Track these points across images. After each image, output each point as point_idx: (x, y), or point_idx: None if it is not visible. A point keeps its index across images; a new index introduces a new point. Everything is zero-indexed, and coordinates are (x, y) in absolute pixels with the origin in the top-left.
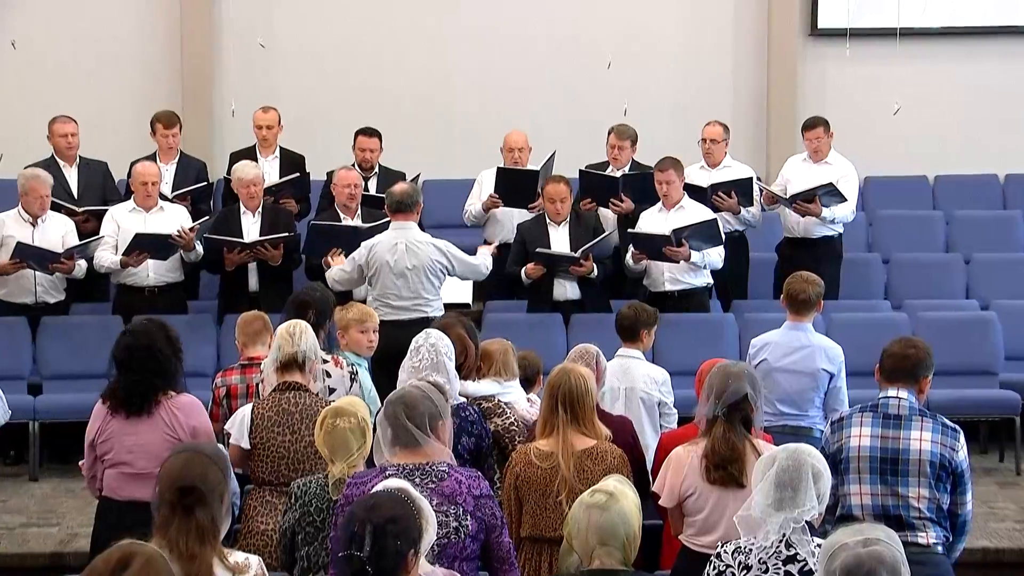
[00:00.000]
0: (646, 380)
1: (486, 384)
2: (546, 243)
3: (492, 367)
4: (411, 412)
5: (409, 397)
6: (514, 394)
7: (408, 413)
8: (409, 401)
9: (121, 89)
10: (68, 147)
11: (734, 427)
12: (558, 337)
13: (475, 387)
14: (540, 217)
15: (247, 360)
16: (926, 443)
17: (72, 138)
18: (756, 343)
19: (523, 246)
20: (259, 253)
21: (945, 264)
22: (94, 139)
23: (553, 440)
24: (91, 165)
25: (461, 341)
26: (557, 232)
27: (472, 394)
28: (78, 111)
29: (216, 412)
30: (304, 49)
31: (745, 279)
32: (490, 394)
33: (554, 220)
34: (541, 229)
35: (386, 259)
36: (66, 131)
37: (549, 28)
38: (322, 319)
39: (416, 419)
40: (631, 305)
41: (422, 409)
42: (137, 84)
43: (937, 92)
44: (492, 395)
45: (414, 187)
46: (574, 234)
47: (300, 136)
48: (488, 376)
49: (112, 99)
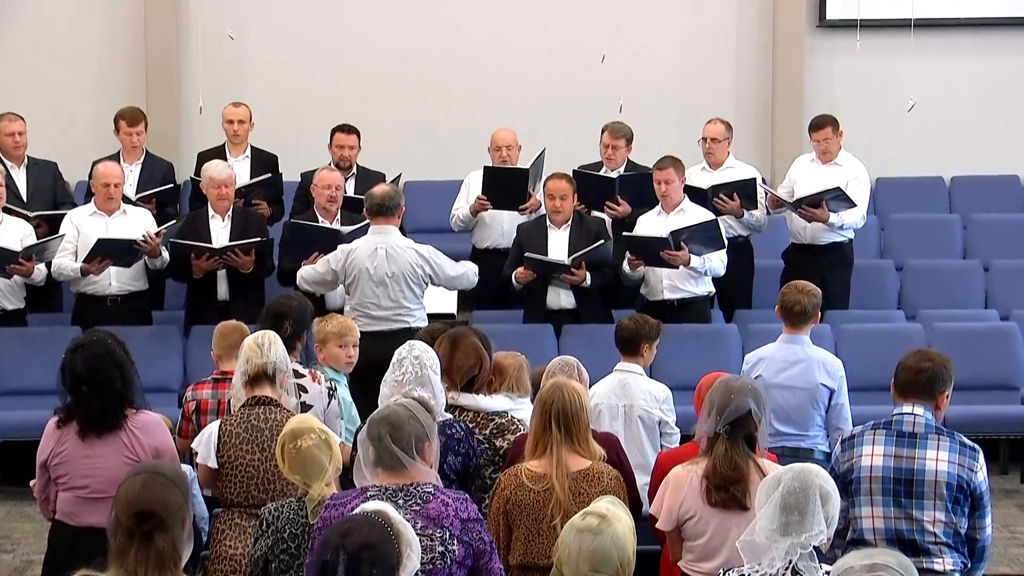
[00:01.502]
0: (646, 397)
1: (499, 400)
2: (544, 247)
3: (505, 382)
4: (396, 434)
5: (394, 417)
6: (527, 411)
7: (393, 435)
8: (394, 421)
9: (79, 83)
10: (15, 147)
11: (737, 446)
12: (549, 349)
13: (488, 402)
14: (541, 219)
15: (220, 374)
16: (943, 463)
17: (19, 137)
18: (750, 358)
19: (521, 249)
20: (229, 260)
21: (962, 271)
22: (49, 138)
23: (546, 461)
24: (40, 166)
25: (476, 352)
26: (557, 235)
27: (485, 409)
28: (31, 107)
29: (185, 428)
30: (277, 41)
31: (749, 287)
32: (503, 410)
33: (553, 220)
34: (540, 232)
35: (365, 266)
36: (13, 129)
37: (539, 18)
38: (299, 330)
39: (402, 441)
40: (632, 317)
41: (408, 430)
42: (96, 78)
43: (954, 87)
44: (505, 411)
45: (395, 189)
46: (574, 239)
47: (272, 134)
48: (501, 391)
49: (69, 94)
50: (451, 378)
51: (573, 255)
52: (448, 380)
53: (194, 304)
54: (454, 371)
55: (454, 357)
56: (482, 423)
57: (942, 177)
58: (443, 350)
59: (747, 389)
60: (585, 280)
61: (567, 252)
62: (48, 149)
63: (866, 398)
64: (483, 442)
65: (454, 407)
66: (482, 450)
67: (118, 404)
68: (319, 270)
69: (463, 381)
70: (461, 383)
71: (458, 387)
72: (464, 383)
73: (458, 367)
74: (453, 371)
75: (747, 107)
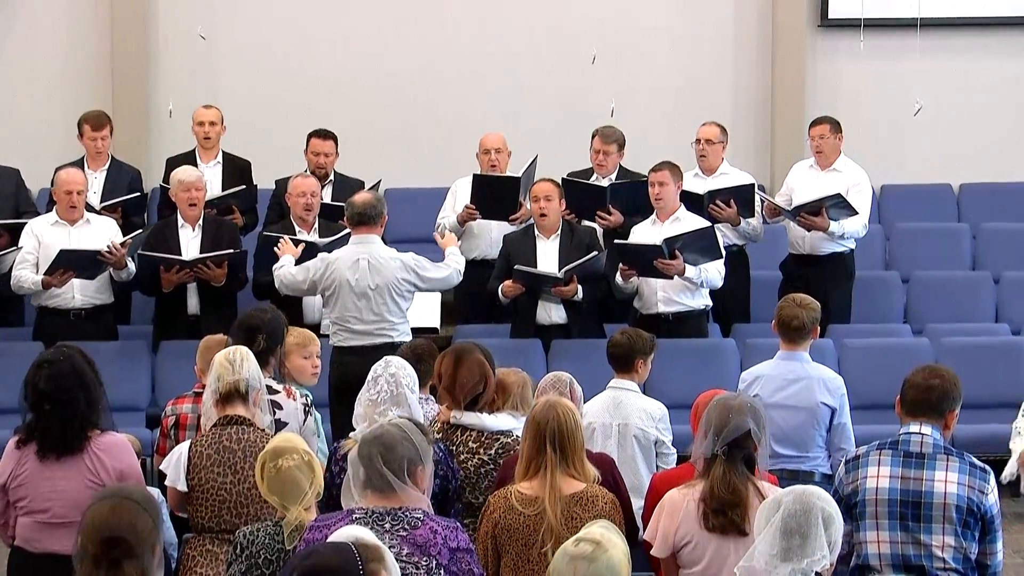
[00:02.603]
0: (641, 415)
1: (504, 418)
2: (532, 258)
3: (509, 400)
4: (388, 455)
5: (387, 438)
6: None
7: (385, 456)
8: (387, 442)
9: (41, 86)
10: None
11: (735, 467)
12: (538, 366)
13: (493, 421)
14: (529, 229)
15: (202, 388)
16: (952, 485)
17: None
18: (746, 376)
19: (507, 260)
20: (200, 272)
21: (972, 283)
22: (10, 144)
23: (538, 483)
24: (1, 173)
25: (481, 369)
26: (546, 246)
27: (489, 428)
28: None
29: (163, 445)
30: (250, 41)
31: (746, 300)
32: (508, 429)
33: (541, 227)
34: (528, 243)
35: (346, 278)
36: None
37: (528, 17)
38: (273, 344)
39: (393, 463)
40: (625, 331)
41: (400, 452)
42: (60, 80)
43: (963, 90)
44: (510, 430)
45: (377, 196)
46: (564, 250)
47: (245, 139)
48: (504, 409)
49: (31, 97)
50: (454, 396)
51: (565, 267)
52: (451, 398)
53: (163, 319)
54: (457, 389)
55: (458, 374)
56: (487, 443)
57: (950, 184)
58: (446, 367)
59: (746, 408)
60: (577, 293)
61: (557, 263)
62: (10, 155)
63: (870, 417)
64: (488, 463)
65: (456, 426)
66: (487, 471)
67: (81, 426)
68: (297, 277)
69: (467, 399)
70: (465, 402)
71: (461, 405)
72: (468, 401)
73: (462, 385)
74: (456, 389)
75: (745, 111)
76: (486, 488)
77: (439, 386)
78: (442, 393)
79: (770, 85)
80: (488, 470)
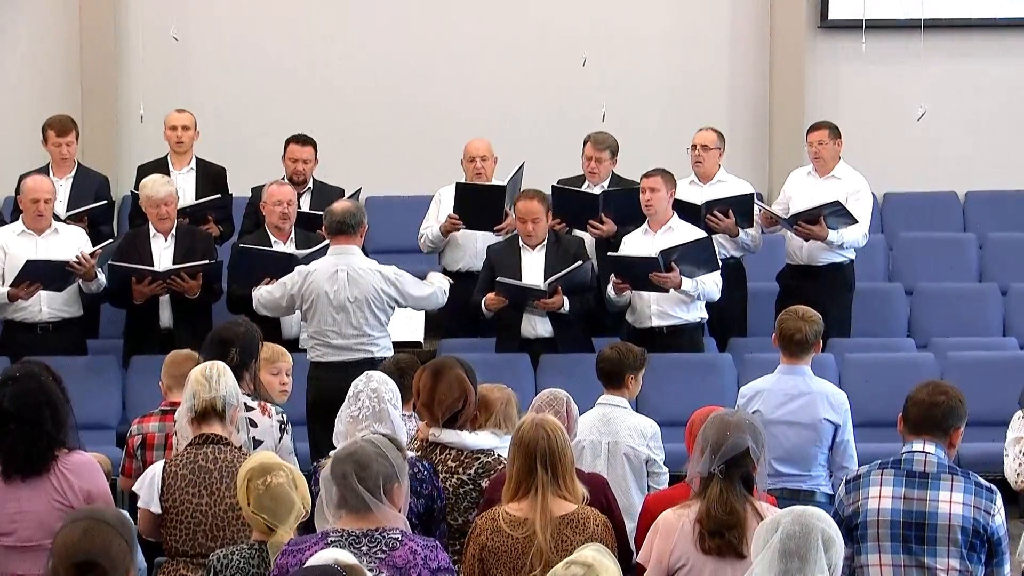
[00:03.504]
0: (632, 433)
1: (485, 436)
2: (517, 270)
3: (491, 418)
4: (363, 473)
5: (361, 455)
6: None
7: (359, 474)
8: (361, 460)
9: (6, 89)
10: None
11: (733, 487)
12: (526, 381)
13: (473, 439)
14: (513, 239)
15: (169, 405)
16: (957, 505)
17: None
18: (746, 392)
19: (491, 272)
20: (173, 284)
21: (978, 295)
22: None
23: (528, 504)
24: None
25: (460, 385)
26: (531, 257)
27: (470, 447)
28: None
29: (129, 466)
30: (226, 43)
31: (743, 313)
32: (489, 448)
33: (527, 243)
34: (513, 254)
35: (324, 290)
36: None
37: (516, 19)
38: (247, 359)
39: (368, 481)
40: (614, 346)
41: (375, 469)
42: (27, 84)
43: (969, 94)
44: (491, 449)
45: (357, 205)
46: (551, 261)
47: (220, 145)
48: (487, 427)
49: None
50: (432, 413)
51: (549, 279)
52: (429, 415)
53: (134, 332)
54: (436, 405)
55: (436, 390)
56: (467, 462)
57: (955, 192)
58: (424, 382)
59: (744, 425)
60: (563, 306)
61: (543, 275)
62: None
63: (872, 435)
64: (468, 483)
65: (435, 444)
66: (466, 491)
67: (46, 446)
68: (274, 294)
69: (446, 416)
70: (444, 418)
71: (440, 423)
72: (447, 418)
73: (440, 401)
74: (435, 405)
75: (742, 115)
76: (465, 509)
77: (417, 402)
78: (420, 410)
79: (768, 89)
80: (468, 490)
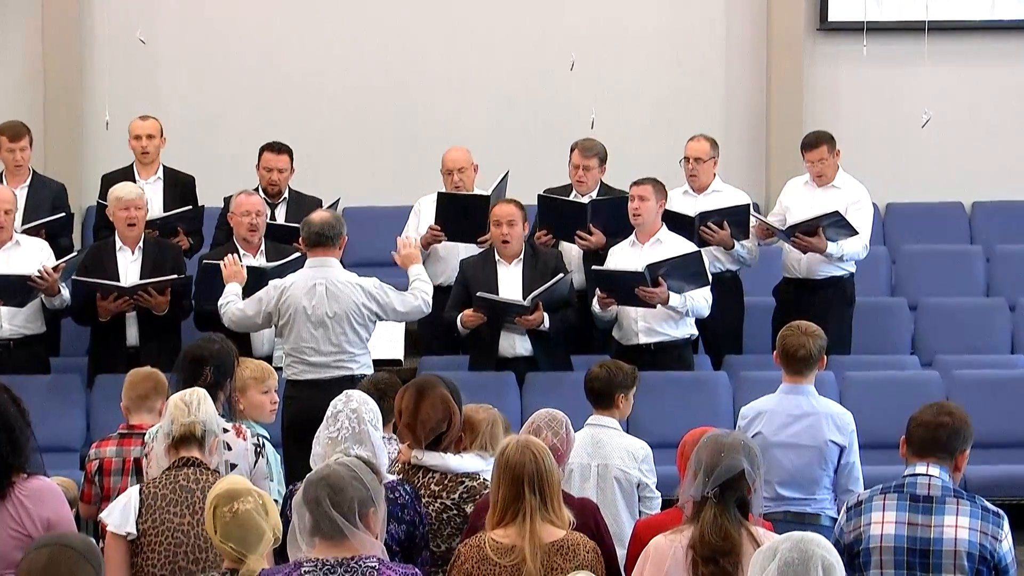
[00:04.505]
0: (623, 455)
1: (470, 459)
2: (493, 285)
3: (477, 439)
4: (336, 498)
5: (334, 478)
6: None
7: (333, 499)
8: (334, 483)
9: None
10: None
11: (727, 511)
12: (510, 401)
13: (458, 462)
14: (488, 253)
15: (128, 428)
16: (963, 531)
17: None
18: (747, 413)
19: (465, 288)
20: (140, 300)
21: (985, 311)
22: None
23: (515, 530)
24: None
25: (445, 405)
26: (507, 272)
27: (454, 470)
28: None
29: (88, 492)
30: (195, 46)
31: (739, 329)
32: (475, 471)
33: (503, 252)
34: (488, 268)
35: (302, 305)
36: None
37: (500, 21)
38: (222, 378)
39: (343, 506)
40: (604, 364)
41: (350, 494)
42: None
43: (975, 99)
44: (477, 472)
45: (336, 216)
46: (528, 275)
47: (190, 152)
48: (472, 449)
49: None
50: (415, 434)
51: (531, 294)
52: (412, 436)
53: (99, 350)
54: (419, 426)
55: (419, 410)
56: (451, 486)
57: (961, 202)
58: (407, 402)
59: (739, 446)
60: (543, 323)
61: (520, 290)
62: None
63: (874, 457)
64: (451, 507)
65: (418, 467)
66: (450, 517)
67: (3, 471)
68: (248, 312)
69: (429, 438)
70: (427, 440)
71: (423, 445)
72: (430, 440)
73: (423, 422)
74: (418, 426)
75: (738, 122)
76: (449, 535)
77: (399, 423)
78: (403, 431)
79: (764, 94)
80: (451, 516)
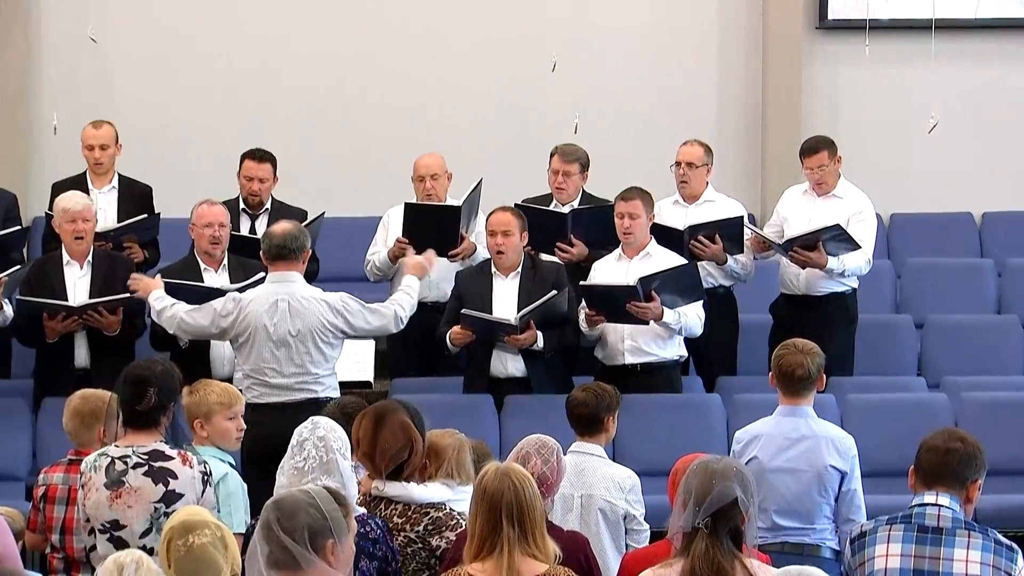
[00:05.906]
0: (608, 485)
1: (435, 488)
2: (487, 299)
3: (442, 467)
4: (288, 523)
5: (286, 503)
6: (468, 502)
7: (283, 523)
8: (287, 508)
9: None
10: None
11: (720, 542)
12: (488, 427)
13: (422, 492)
14: (485, 265)
15: (76, 455)
16: (974, 565)
17: None
18: (742, 437)
19: (459, 302)
20: (90, 320)
21: (996, 329)
22: None
23: (493, 564)
24: None
25: (405, 432)
26: (503, 285)
27: (418, 500)
28: None
29: (34, 519)
30: (152, 44)
31: (733, 348)
32: (440, 501)
33: (499, 264)
34: (484, 281)
35: (263, 323)
36: None
37: (476, 18)
38: (165, 401)
39: (294, 532)
40: (586, 387)
41: (302, 520)
42: None
43: (985, 103)
44: (443, 503)
45: (300, 227)
46: (526, 289)
47: (147, 160)
48: (437, 478)
49: None
50: (375, 464)
51: (521, 312)
52: (371, 466)
53: (46, 372)
54: (378, 455)
55: (378, 438)
56: (414, 518)
57: (971, 213)
58: (365, 430)
59: (731, 472)
60: (536, 342)
61: (517, 305)
62: None
63: (877, 486)
64: (416, 541)
65: (380, 499)
66: (415, 551)
67: None
68: (201, 322)
69: (390, 467)
70: (387, 470)
71: (383, 474)
72: (391, 469)
73: (383, 450)
74: (377, 455)
75: (732, 126)
76: (414, 571)
77: (356, 452)
78: (362, 460)
79: (761, 96)
80: (416, 549)
